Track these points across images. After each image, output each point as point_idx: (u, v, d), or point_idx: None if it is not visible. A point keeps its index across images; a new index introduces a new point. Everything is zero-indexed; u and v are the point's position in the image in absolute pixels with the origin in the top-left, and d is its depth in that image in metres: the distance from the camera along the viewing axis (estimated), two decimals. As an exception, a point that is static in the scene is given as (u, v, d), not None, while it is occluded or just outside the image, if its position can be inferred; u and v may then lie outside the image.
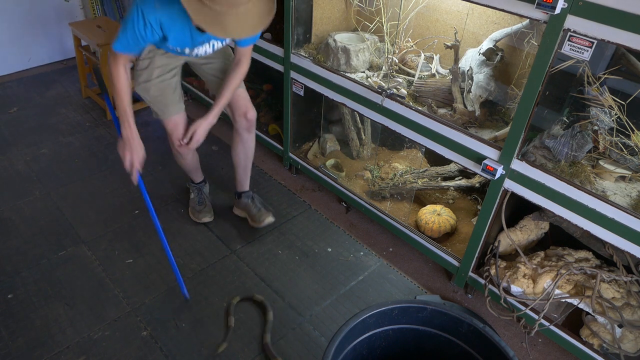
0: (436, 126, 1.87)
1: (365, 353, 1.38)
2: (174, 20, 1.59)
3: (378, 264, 2.24)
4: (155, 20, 1.56)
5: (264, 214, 2.28)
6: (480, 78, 1.95)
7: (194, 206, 2.41)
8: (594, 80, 1.57)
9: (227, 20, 1.40)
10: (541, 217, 1.91)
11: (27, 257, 2.15)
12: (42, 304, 1.95)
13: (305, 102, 2.56)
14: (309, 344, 1.86)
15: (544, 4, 1.34)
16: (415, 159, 2.61)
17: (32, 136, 3.00)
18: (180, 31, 1.65)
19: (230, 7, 1.39)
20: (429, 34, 2.31)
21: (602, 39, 1.32)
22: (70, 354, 1.78)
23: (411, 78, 2.19)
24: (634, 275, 1.69)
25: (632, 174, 1.64)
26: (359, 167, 2.67)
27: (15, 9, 3.53)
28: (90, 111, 3.31)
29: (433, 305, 1.34)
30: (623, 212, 1.47)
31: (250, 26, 1.45)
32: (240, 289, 2.06)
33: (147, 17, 1.55)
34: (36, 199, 2.50)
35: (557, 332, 1.80)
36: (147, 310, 1.95)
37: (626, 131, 1.61)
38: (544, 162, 1.68)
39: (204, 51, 1.87)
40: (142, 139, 1.87)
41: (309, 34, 2.40)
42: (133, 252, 2.21)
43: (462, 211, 2.38)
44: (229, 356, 1.80)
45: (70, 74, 3.76)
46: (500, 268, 1.90)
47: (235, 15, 1.40)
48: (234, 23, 1.41)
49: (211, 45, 1.86)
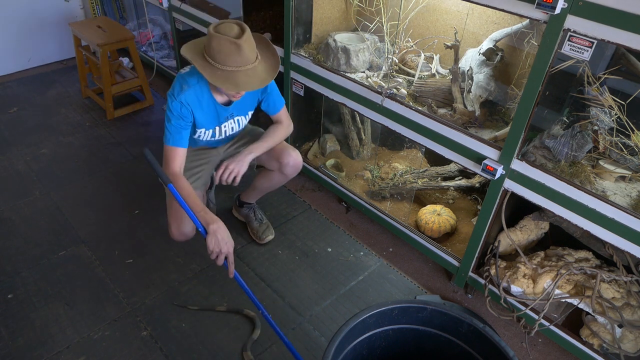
0: (436, 126, 1.87)
1: (365, 353, 1.38)
2: (200, 99, 1.77)
3: (378, 264, 2.24)
4: (185, 99, 1.73)
5: (266, 231, 2.30)
6: (480, 78, 1.95)
7: None
8: (594, 80, 1.57)
9: (237, 77, 1.60)
10: (541, 217, 1.91)
11: (27, 257, 2.16)
12: (42, 304, 1.95)
13: (305, 102, 2.56)
14: (309, 344, 1.86)
15: (544, 4, 1.34)
16: (415, 159, 2.61)
17: (32, 136, 3.00)
18: (207, 107, 1.81)
19: (238, 67, 1.59)
20: (429, 34, 2.31)
21: (602, 39, 1.31)
22: (70, 354, 1.78)
23: (411, 78, 2.19)
24: (634, 275, 1.69)
25: (632, 174, 1.64)
26: (359, 167, 2.67)
27: (16, 9, 3.53)
28: (90, 111, 3.31)
29: (433, 305, 1.34)
30: (623, 212, 1.47)
31: (259, 80, 1.64)
32: (240, 289, 2.05)
33: (179, 98, 1.73)
34: (36, 199, 2.50)
35: (557, 332, 1.80)
36: (147, 310, 1.95)
37: (626, 131, 1.60)
38: (544, 162, 1.68)
39: (231, 128, 1.95)
40: (142, 139, 1.86)
41: (309, 34, 2.40)
42: (133, 252, 2.21)
43: (462, 211, 2.38)
44: (229, 356, 1.80)
45: (70, 74, 3.76)
46: (500, 268, 1.90)
47: (244, 72, 1.61)
48: (244, 79, 1.61)
49: (236, 121, 1.94)
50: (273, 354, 1.82)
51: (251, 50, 1.61)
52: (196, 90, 1.75)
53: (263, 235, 2.28)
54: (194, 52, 1.66)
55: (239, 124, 1.98)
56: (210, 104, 1.82)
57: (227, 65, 1.58)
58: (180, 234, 1.87)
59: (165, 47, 3.90)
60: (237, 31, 1.58)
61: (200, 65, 1.61)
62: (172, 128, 1.75)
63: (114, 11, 4.17)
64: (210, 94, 1.79)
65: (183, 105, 1.73)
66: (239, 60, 1.58)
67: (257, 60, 1.64)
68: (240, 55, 1.57)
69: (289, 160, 2.00)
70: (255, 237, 2.30)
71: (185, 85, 1.74)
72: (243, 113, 1.96)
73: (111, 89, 3.15)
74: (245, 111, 1.96)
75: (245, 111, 1.96)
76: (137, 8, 4.12)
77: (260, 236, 2.28)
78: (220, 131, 1.93)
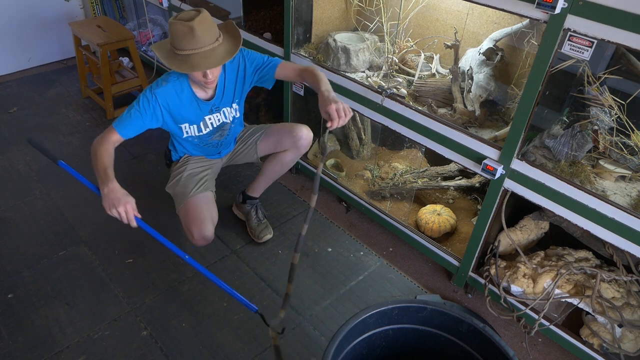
0: (436, 126, 1.86)
1: (365, 353, 1.38)
2: (179, 94, 1.80)
3: (378, 263, 2.24)
4: (160, 93, 1.76)
5: (264, 230, 2.29)
6: (480, 78, 1.95)
7: None
8: (594, 80, 1.57)
9: (192, 59, 1.62)
10: (541, 216, 1.91)
11: (27, 257, 2.15)
12: (42, 303, 1.95)
13: (306, 101, 2.56)
14: (309, 344, 1.86)
15: (544, 4, 1.34)
16: (415, 159, 2.61)
17: (32, 136, 3.00)
18: (188, 102, 1.83)
19: (193, 49, 1.61)
20: (429, 34, 2.31)
21: (602, 39, 1.31)
22: (70, 354, 1.78)
23: (411, 78, 2.19)
24: (634, 275, 1.69)
25: (632, 173, 1.64)
26: (359, 167, 2.67)
27: (15, 9, 3.53)
28: (90, 111, 3.31)
29: (433, 305, 1.34)
30: (623, 212, 1.47)
31: (215, 61, 1.64)
32: (240, 289, 2.05)
33: (153, 91, 1.76)
34: (36, 199, 2.50)
35: (557, 331, 1.80)
36: (147, 310, 1.95)
37: (626, 131, 1.60)
38: (544, 161, 1.68)
39: (218, 120, 1.94)
40: (142, 139, 1.86)
41: (309, 33, 2.40)
42: (133, 252, 2.21)
43: (462, 211, 2.38)
44: (229, 355, 1.80)
45: (70, 73, 3.76)
46: (500, 268, 1.90)
47: (199, 54, 1.62)
48: (199, 60, 1.62)
49: (222, 113, 1.94)
50: (273, 354, 1.82)
51: (206, 32, 1.61)
52: (175, 86, 1.78)
53: (261, 234, 2.28)
54: (161, 45, 1.71)
55: (225, 114, 1.96)
56: (191, 99, 1.84)
57: (183, 49, 1.61)
58: (202, 238, 1.85)
59: (165, 47, 3.89)
60: (192, 15, 1.59)
61: (162, 54, 1.66)
62: (126, 115, 1.76)
63: (114, 11, 4.17)
64: (190, 89, 1.82)
65: (154, 101, 1.76)
66: (193, 42, 1.59)
67: (216, 42, 1.64)
68: (194, 37, 1.58)
69: (302, 133, 2.02)
70: (253, 236, 2.30)
71: (164, 82, 1.78)
72: (226, 104, 1.94)
73: (111, 88, 3.15)
74: (229, 102, 1.94)
75: (228, 102, 1.94)
76: (137, 8, 4.11)
77: (258, 235, 2.28)
78: (206, 124, 1.93)
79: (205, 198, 1.94)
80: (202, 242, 1.87)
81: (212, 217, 1.90)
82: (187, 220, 1.87)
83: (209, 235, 1.85)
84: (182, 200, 1.92)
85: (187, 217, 1.87)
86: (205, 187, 1.96)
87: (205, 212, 1.88)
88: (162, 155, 2.85)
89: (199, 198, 1.92)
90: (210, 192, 1.98)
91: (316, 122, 2.76)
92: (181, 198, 1.93)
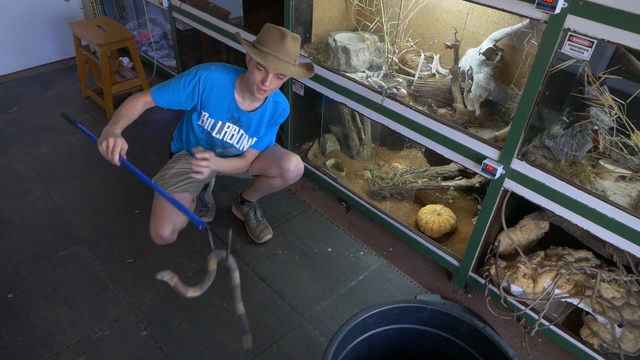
0: (436, 126, 1.86)
1: (365, 353, 1.38)
2: (220, 86, 1.85)
3: (378, 263, 2.24)
4: (205, 75, 1.82)
5: (263, 230, 2.30)
6: (480, 78, 1.95)
7: None
8: (594, 80, 1.57)
9: (268, 57, 1.69)
10: (541, 216, 1.91)
11: (27, 257, 2.15)
12: (42, 303, 1.95)
13: (306, 101, 2.56)
14: (309, 344, 1.86)
15: (544, 4, 1.34)
16: (415, 159, 2.61)
17: (32, 136, 3.00)
18: (222, 97, 1.88)
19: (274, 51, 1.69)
20: (429, 34, 2.31)
21: (602, 39, 1.31)
22: (70, 354, 1.78)
23: (411, 78, 2.19)
24: (634, 275, 1.69)
25: (632, 173, 1.64)
26: (359, 167, 2.67)
27: (16, 9, 3.53)
28: (90, 111, 3.31)
29: (433, 305, 1.34)
30: (623, 212, 1.47)
31: (289, 70, 1.73)
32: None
33: (201, 71, 1.83)
34: (36, 198, 2.50)
35: (557, 331, 1.80)
36: (147, 310, 1.95)
37: (626, 131, 1.60)
38: (544, 161, 1.68)
39: (231, 135, 1.96)
40: (142, 139, 1.86)
41: (309, 33, 2.40)
42: (133, 252, 2.21)
43: (462, 211, 2.38)
44: (229, 355, 1.80)
45: (70, 73, 3.76)
46: (500, 268, 1.90)
47: (277, 57, 1.70)
48: (274, 60, 1.69)
49: (239, 133, 1.96)
50: (273, 354, 1.82)
51: (293, 48, 1.71)
52: (221, 77, 1.85)
53: (261, 234, 2.28)
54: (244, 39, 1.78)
55: (240, 138, 1.97)
56: (226, 96, 1.88)
57: (267, 46, 1.69)
58: (157, 236, 1.86)
59: (165, 47, 3.90)
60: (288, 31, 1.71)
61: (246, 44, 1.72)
62: (167, 84, 1.82)
63: (114, 11, 4.17)
64: (232, 89, 1.87)
65: (196, 81, 1.82)
66: (279, 46, 1.68)
67: (294, 61, 1.75)
68: (282, 43, 1.68)
69: (290, 165, 2.00)
70: (253, 237, 2.30)
71: (215, 68, 1.85)
72: (248, 130, 1.96)
73: (111, 88, 3.15)
74: (253, 134, 1.98)
75: (253, 133, 1.97)
76: (137, 8, 4.12)
77: (257, 235, 2.28)
78: (221, 128, 1.94)
79: (180, 199, 1.92)
80: (158, 240, 1.88)
81: (174, 220, 1.87)
82: (152, 214, 1.89)
83: (164, 235, 1.86)
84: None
85: (153, 211, 1.89)
86: (185, 189, 1.96)
87: (169, 213, 1.86)
88: (162, 156, 2.86)
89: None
90: (188, 194, 1.97)
91: (316, 123, 2.76)
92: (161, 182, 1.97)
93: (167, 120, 3.21)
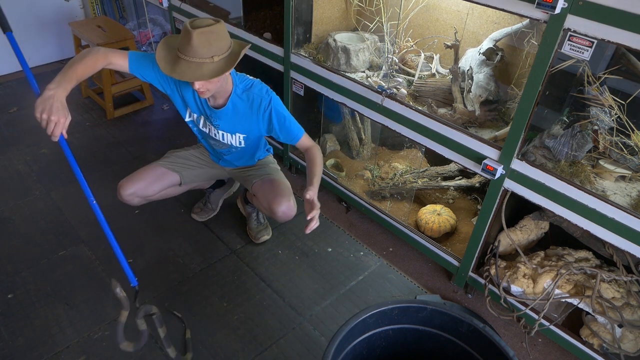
0: (436, 126, 1.86)
1: (365, 353, 1.38)
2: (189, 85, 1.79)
3: (378, 263, 2.24)
4: None
5: (262, 231, 2.30)
6: (480, 78, 1.95)
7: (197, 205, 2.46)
8: (594, 80, 1.57)
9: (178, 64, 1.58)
10: (541, 217, 1.91)
11: (27, 257, 2.15)
12: (42, 304, 1.95)
13: (306, 101, 2.56)
14: (309, 344, 1.86)
15: (544, 4, 1.34)
16: (415, 159, 2.61)
17: (32, 136, 3.00)
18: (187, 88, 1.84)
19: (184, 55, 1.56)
20: (429, 34, 2.31)
21: (602, 39, 1.31)
22: (70, 354, 1.78)
23: (411, 78, 2.19)
24: (634, 275, 1.69)
25: (632, 173, 1.64)
26: (359, 167, 2.67)
27: (15, 9, 3.53)
28: (90, 111, 3.31)
29: (433, 305, 1.34)
30: (623, 212, 1.47)
31: (195, 75, 1.57)
32: (240, 289, 2.06)
33: None
34: (36, 199, 2.50)
35: (557, 332, 1.79)
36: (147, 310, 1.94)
37: (626, 131, 1.60)
38: (544, 161, 1.68)
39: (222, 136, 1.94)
40: (142, 139, 1.86)
41: (309, 33, 2.40)
42: (133, 252, 2.20)
43: (462, 211, 2.38)
44: (229, 356, 1.80)
45: (70, 73, 3.75)
46: (500, 268, 1.90)
47: (186, 62, 1.57)
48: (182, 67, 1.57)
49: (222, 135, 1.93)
50: (273, 354, 1.82)
51: (203, 45, 1.53)
52: None
53: (259, 235, 2.28)
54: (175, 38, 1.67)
55: (223, 138, 1.94)
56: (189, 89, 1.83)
57: (180, 50, 1.57)
58: (119, 193, 1.98)
59: (165, 47, 3.90)
60: (201, 24, 1.55)
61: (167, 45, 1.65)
62: (144, 53, 1.75)
63: (114, 11, 4.17)
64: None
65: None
66: (187, 49, 1.54)
67: (210, 59, 1.56)
68: (189, 45, 1.53)
69: (278, 211, 1.95)
70: (251, 237, 2.31)
71: None
72: (230, 130, 1.91)
73: (111, 88, 3.14)
74: (234, 130, 1.91)
75: (233, 130, 1.91)
76: (137, 8, 4.12)
77: (255, 236, 2.29)
78: (205, 124, 1.94)
79: (161, 172, 2.03)
80: (118, 195, 1.99)
81: (140, 187, 1.98)
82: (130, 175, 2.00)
83: (123, 192, 1.97)
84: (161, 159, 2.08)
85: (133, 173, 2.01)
86: (176, 170, 2.05)
87: (140, 177, 1.99)
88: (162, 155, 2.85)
89: (155, 167, 2.04)
90: (176, 175, 2.04)
91: (316, 123, 2.76)
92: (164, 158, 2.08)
93: (167, 120, 3.21)
